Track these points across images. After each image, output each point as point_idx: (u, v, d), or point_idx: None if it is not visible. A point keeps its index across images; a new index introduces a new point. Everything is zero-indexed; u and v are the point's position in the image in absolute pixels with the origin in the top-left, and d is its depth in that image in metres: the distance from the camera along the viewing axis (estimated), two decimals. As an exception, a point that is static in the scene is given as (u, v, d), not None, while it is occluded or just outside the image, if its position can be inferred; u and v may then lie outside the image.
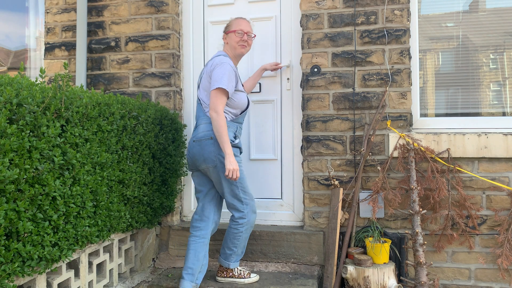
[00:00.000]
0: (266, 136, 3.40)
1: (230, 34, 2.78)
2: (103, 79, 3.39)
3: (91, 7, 3.42)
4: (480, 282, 2.83)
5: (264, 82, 3.40)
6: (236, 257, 2.77)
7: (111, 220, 2.37)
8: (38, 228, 1.77)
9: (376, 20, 2.99)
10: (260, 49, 3.42)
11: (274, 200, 3.37)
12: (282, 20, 3.38)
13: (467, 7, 3.06)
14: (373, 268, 2.67)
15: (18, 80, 1.78)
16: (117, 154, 2.41)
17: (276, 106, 3.37)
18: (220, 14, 3.48)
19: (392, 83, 2.96)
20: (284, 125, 3.36)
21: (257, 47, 3.42)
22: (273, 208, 3.35)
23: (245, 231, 2.73)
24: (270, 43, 3.41)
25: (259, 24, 3.44)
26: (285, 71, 3.35)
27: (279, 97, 3.37)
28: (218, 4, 3.47)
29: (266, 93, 3.39)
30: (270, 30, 3.41)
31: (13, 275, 1.68)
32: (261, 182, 3.40)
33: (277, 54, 3.40)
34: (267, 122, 3.40)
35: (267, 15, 3.41)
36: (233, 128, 2.71)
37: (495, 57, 3.03)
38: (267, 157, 3.39)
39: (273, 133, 3.40)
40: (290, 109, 3.34)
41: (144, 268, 3.00)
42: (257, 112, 3.42)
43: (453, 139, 2.84)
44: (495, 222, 2.81)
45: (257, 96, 3.40)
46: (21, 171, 1.66)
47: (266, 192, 3.40)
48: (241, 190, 2.69)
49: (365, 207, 2.95)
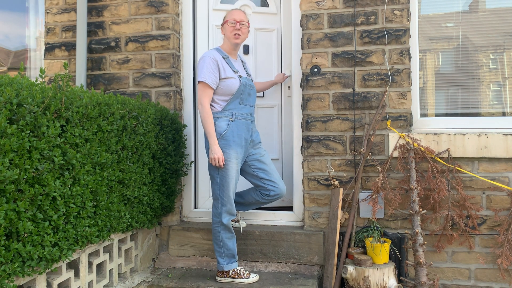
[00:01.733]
0: (270, 137, 3.64)
1: (225, 25, 2.86)
2: (103, 79, 3.39)
3: (91, 7, 3.42)
4: (480, 282, 2.83)
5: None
6: (227, 259, 2.76)
7: (111, 220, 2.38)
8: (38, 228, 1.77)
9: (376, 20, 2.99)
10: (265, 59, 3.64)
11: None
12: (283, 32, 3.57)
13: (467, 7, 3.06)
14: (373, 268, 2.68)
15: (18, 80, 1.78)
16: (117, 154, 2.41)
17: (278, 110, 3.61)
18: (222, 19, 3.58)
19: (392, 83, 2.96)
20: (285, 127, 3.59)
21: (261, 58, 3.64)
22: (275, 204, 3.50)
23: (222, 231, 2.76)
24: (273, 51, 3.66)
25: (263, 34, 3.64)
26: (287, 79, 3.56)
27: (280, 102, 3.61)
28: (223, 10, 3.56)
29: (269, 99, 3.63)
30: (273, 41, 3.65)
31: (13, 275, 1.68)
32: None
33: (279, 63, 3.61)
34: (269, 125, 3.62)
35: (270, 27, 3.62)
36: (227, 116, 2.76)
37: (495, 57, 3.03)
38: (271, 157, 3.59)
39: (276, 134, 3.64)
40: (289, 111, 3.53)
41: (144, 268, 3.00)
42: (261, 116, 3.62)
43: (453, 139, 2.84)
44: (495, 222, 2.81)
45: (260, 100, 3.60)
46: (21, 171, 1.66)
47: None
48: (220, 185, 2.72)
49: (365, 207, 2.95)
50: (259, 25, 3.60)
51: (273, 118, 3.62)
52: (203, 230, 3.15)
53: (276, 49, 3.62)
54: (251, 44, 3.60)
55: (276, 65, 3.63)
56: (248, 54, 3.59)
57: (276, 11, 3.62)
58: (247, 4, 3.59)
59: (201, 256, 3.14)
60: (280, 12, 3.61)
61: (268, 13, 3.63)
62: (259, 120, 3.60)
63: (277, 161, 3.60)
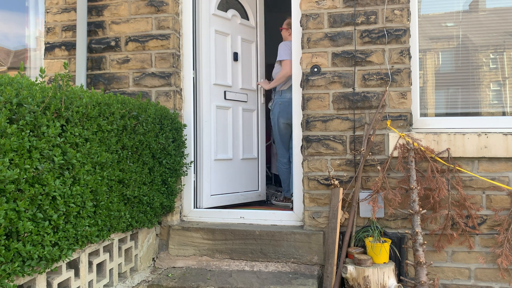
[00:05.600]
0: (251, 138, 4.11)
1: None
2: (103, 78, 3.39)
3: (91, 6, 3.42)
4: (480, 282, 2.83)
5: (249, 94, 4.01)
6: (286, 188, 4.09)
7: (111, 219, 2.38)
8: (38, 228, 1.77)
9: (376, 20, 2.99)
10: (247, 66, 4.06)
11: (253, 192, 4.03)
12: (259, 45, 4.13)
13: (467, 7, 3.06)
14: (373, 267, 2.68)
15: (18, 80, 1.78)
16: (117, 154, 2.41)
17: (256, 114, 4.18)
18: (220, 25, 3.77)
19: (392, 83, 2.96)
20: (261, 129, 4.11)
21: (245, 65, 4.05)
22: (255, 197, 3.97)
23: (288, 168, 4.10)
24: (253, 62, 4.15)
25: (246, 44, 4.02)
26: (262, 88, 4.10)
27: (257, 107, 4.16)
28: (220, 16, 3.75)
29: (250, 104, 4.05)
30: (253, 51, 4.16)
31: (13, 275, 1.68)
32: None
33: (256, 72, 4.17)
34: (251, 127, 4.10)
35: (250, 39, 4.14)
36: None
37: (495, 57, 3.03)
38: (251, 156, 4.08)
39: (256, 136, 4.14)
40: (263, 116, 4.12)
41: (144, 268, 3.00)
42: (245, 118, 4.02)
43: (453, 139, 2.84)
44: (495, 222, 2.81)
45: (245, 104, 4.01)
46: (21, 171, 1.66)
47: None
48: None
49: (365, 206, 2.95)
50: (243, 36, 3.96)
51: (254, 121, 4.07)
52: (203, 230, 3.15)
53: (255, 60, 4.09)
54: (239, 52, 3.91)
55: (255, 74, 4.11)
56: (237, 61, 3.87)
57: (254, 25, 4.05)
58: (235, 15, 3.90)
59: (201, 255, 3.14)
60: (256, 27, 4.08)
61: (248, 25, 4.03)
62: (244, 122, 4.00)
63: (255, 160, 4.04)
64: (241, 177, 3.92)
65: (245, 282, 2.77)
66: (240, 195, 3.90)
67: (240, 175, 3.91)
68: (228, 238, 3.10)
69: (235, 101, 3.88)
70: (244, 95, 3.96)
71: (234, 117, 3.89)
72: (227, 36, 3.81)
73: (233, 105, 3.86)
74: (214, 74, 3.64)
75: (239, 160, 3.87)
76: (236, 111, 3.91)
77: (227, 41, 3.81)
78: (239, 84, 3.95)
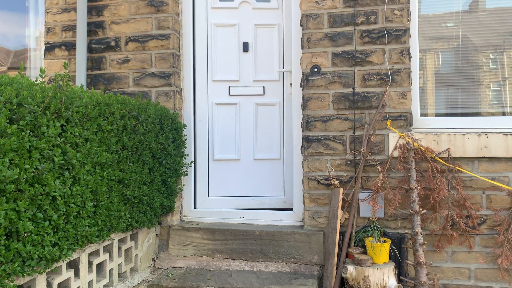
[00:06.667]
0: (271, 137, 3.66)
1: None
2: (103, 79, 3.39)
3: (91, 7, 3.42)
4: (480, 282, 2.83)
5: (267, 86, 3.60)
6: None
7: (111, 220, 2.38)
8: (38, 228, 1.77)
9: (376, 20, 2.99)
10: (265, 54, 3.63)
11: (278, 197, 3.58)
12: (285, 28, 3.55)
13: (467, 7, 3.06)
14: (373, 267, 2.68)
15: (18, 80, 1.78)
16: (117, 154, 2.41)
17: (280, 108, 3.59)
18: (224, 17, 3.58)
19: (392, 83, 2.96)
20: (286, 125, 3.59)
21: (262, 55, 3.62)
22: (276, 204, 3.54)
23: None
24: (274, 48, 3.62)
25: (263, 30, 3.62)
26: (288, 76, 3.52)
27: (282, 100, 3.59)
28: (222, 8, 3.55)
29: (270, 97, 3.62)
30: (274, 36, 3.61)
31: (13, 275, 1.68)
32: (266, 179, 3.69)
33: (281, 60, 3.58)
34: (270, 123, 3.63)
35: (271, 22, 3.59)
36: None
37: (495, 57, 3.03)
38: (272, 157, 3.61)
39: (278, 133, 3.65)
40: (290, 110, 3.51)
41: (144, 268, 3.00)
42: (261, 114, 3.62)
43: (453, 139, 2.84)
44: (495, 222, 2.81)
45: (260, 98, 3.61)
46: (21, 171, 1.66)
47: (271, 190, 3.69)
48: None
49: (365, 207, 2.95)
50: (259, 21, 3.58)
51: (275, 117, 3.59)
52: (203, 230, 3.15)
53: (277, 46, 3.58)
54: (250, 41, 3.58)
55: (277, 62, 3.59)
56: (247, 51, 3.58)
57: (278, 6, 3.58)
58: (247, 1, 3.58)
59: (201, 255, 3.14)
60: (282, 7, 3.57)
61: (269, 8, 3.59)
62: (259, 119, 3.60)
63: (278, 161, 3.59)
64: (255, 180, 3.62)
65: (245, 282, 2.77)
66: (251, 200, 3.57)
67: (252, 177, 3.62)
68: (228, 238, 3.10)
69: (244, 96, 3.59)
70: (259, 88, 3.61)
71: (243, 114, 3.60)
72: (233, 26, 3.60)
73: (241, 100, 3.59)
74: (214, 70, 3.57)
75: (250, 161, 3.61)
76: (246, 107, 3.61)
77: (233, 32, 3.61)
78: (251, 77, 3.60)
